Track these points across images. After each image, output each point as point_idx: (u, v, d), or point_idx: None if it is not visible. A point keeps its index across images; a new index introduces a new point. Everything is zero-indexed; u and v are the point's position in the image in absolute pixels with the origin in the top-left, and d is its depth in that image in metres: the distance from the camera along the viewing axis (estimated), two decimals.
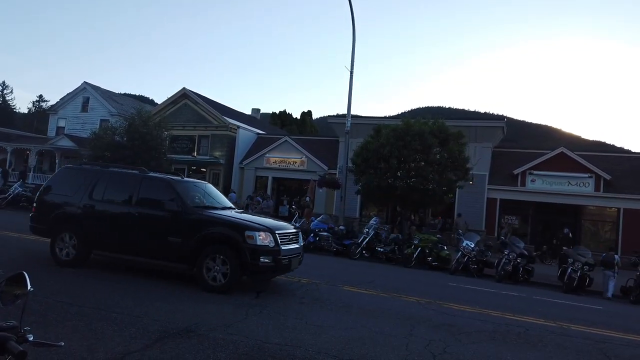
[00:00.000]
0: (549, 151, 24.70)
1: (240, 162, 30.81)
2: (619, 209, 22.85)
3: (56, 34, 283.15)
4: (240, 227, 7.68)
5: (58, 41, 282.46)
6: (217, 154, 31.26)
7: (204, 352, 4.74)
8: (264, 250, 7.53)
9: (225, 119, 31.42)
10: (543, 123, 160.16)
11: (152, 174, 9.04)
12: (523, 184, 24.32)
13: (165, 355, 4.55)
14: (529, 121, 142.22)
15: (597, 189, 23.01)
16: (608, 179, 22.72)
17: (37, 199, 9.46)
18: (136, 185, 8.54)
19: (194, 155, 31.61)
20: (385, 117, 31.54)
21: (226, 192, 30.21)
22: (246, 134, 32.31)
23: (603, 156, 25.41)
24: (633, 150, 46.43)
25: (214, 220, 7.94)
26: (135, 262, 8.49)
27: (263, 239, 7.57)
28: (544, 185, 23.93)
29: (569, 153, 23.79)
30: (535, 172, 24.11)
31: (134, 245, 8.23)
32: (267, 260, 7.53)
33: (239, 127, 31.76)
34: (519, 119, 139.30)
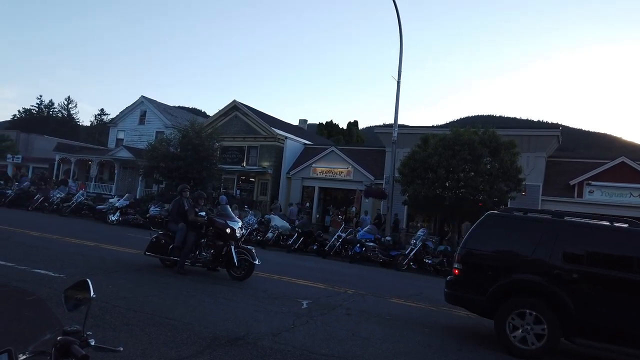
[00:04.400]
0: (608, 161, 23.50)
1: (288, 172, 31.21)
2: None
3: (116, 51, 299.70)
4: None
5: (118, 57, 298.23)
6: (265, 164, 31.85)
7: None
8: None
9: (273, 130, 32.03)
10: (602, 131, 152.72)
11: None
12: (580, 195, 23.21)
13: None
14: (587, 129, 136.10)
15: None
16: None
17: (461, 258, 7.11)
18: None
19: (243, 166, 32.36)
20: (432, 127, 31.08)
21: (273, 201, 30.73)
22: (293, 144, 32.78)
23: None
24: None
25: None
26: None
27: None
28: (603, 197, 22.75)
29: (630, 163, 22.54)
30: (593, 182, 22.98)
31: None
32: None
33: (286, 137, 32.30)
34: (576, 127, 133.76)
